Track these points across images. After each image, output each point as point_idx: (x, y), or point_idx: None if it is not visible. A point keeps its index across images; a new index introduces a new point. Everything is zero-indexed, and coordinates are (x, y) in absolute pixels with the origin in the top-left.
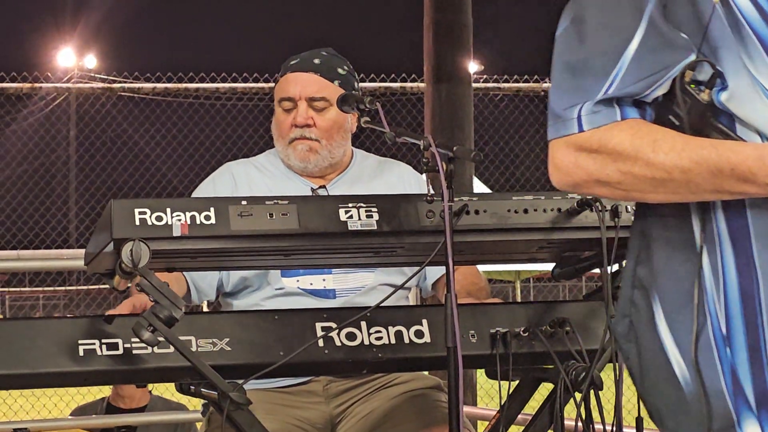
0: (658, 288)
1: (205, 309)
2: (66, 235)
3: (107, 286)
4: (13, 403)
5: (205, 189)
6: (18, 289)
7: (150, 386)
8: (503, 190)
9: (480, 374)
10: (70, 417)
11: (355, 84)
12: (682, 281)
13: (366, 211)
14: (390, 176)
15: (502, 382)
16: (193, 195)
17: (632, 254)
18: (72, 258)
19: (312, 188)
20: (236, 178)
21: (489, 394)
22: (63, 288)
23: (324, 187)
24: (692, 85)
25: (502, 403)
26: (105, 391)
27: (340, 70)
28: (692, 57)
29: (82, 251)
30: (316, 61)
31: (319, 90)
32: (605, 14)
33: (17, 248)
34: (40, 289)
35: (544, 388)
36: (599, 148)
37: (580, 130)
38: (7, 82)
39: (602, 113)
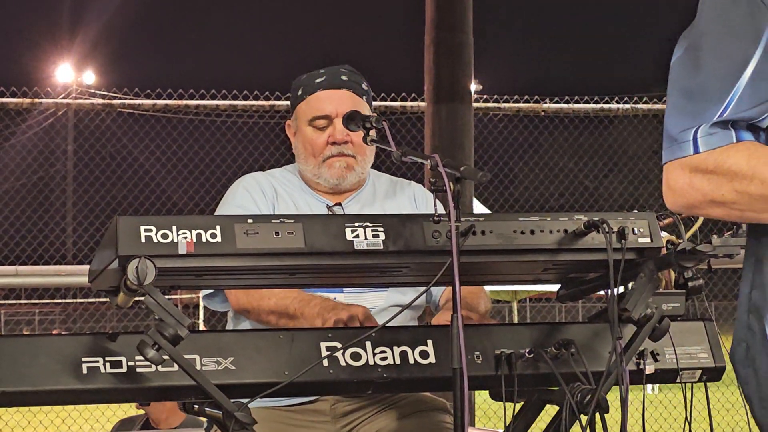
0: None
1: (202, 327)
2: (64, 251)
3: (104, 300)
4: (9, 419)
5: (242, 198)
6: (14, 302)
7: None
8: (502, 211)
9: (478, 395)
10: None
11: (371, 100)
12: None
13: (372, 230)
14: (402, 197)
15: (506, 404)
16: (226, 205)
17: (746, 279)
18: (70, 274)
19: (328, 205)
20: (264, 190)
21: (487, 414)
22: (60, 303)
23: (339, 204)
24: None
25: (507, 424)
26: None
27: (363, 86)
28: None
29: (81, 267)
30: (344, 77)
31: (353, 106)
32: (722, 41)
33: (14, 262)
34: (37, 302)
35: (549, 410)
36: (715, 168)
37: (696, 151)
38: (7, 97)
39: (718, 135)
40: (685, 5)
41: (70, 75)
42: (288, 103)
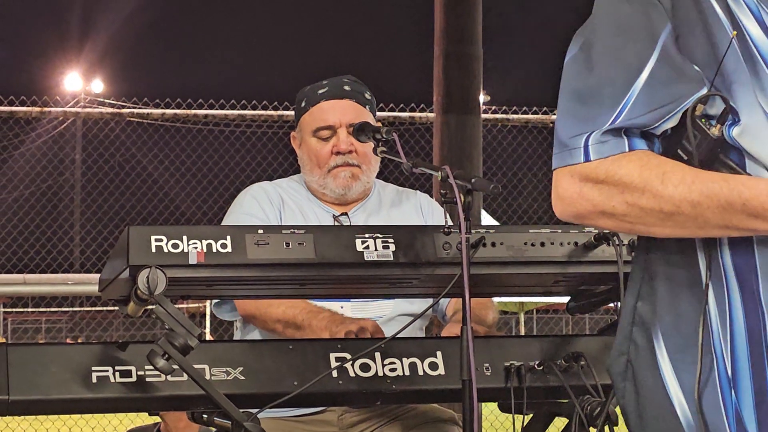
0: (661, 326)
1: (209, 336)
2: (72, 260)
3: (112, 309)
4: (17, 427)
5: (249, 206)
6: (21, 310)
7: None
8: (510, 222)
9: (485, 406)
10: None
11: (376, 110)
12: (686, 320)
13: (383, 242)
14: (408, 206)
15: (515, 416)
16: (234, 214)
17: (633, 290)
18: (78, 283)
19: (334, 215)
20: (272, 199)
21: (494, 426)
22: (67, 311)
23: (345, 214)
24: (703, 120)
25: None
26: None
27: (367, 95)
28: (704, 90)
29: (88, 276)
30: (347, 87)
31: (357, 116)
32: (616, 42)
33: (22, 270)
34: (44, 310)
35: (558, 423)
36: (606, 178)
37: (587, 159)
38: (17, 106)
39: (610, 143)
40: None
41: (79, 84)
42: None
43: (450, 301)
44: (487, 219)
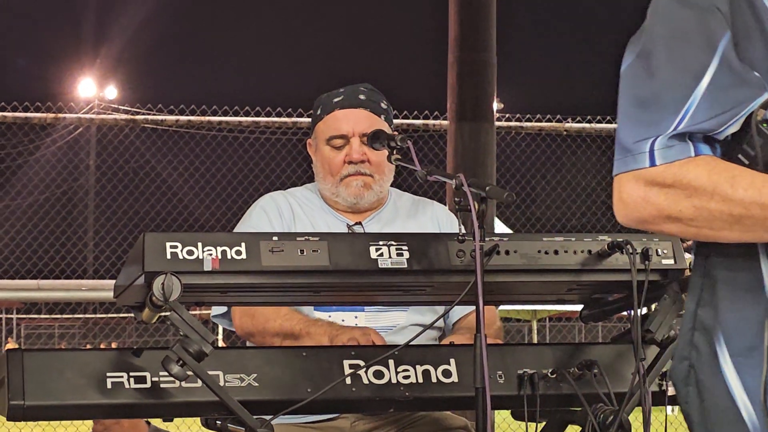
0: (723, 330)
1: (221, 343)
2: (86, 266)
3: (125, 315)
4: None
5: (258, 219)
6: (35, 316)
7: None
8: (524, 230)
9: (498, 414)
10: None
11: (392, 119)
12: (749, 323)
13: (396, 249)
14: (424, 217)
15: (528, 424)
16: (243, 226)
17: (693, 295)
18: (92, 289)
19: (348, 224)
20: (282, 210)
21: None
22: (80, 317)
23: (360, 223)
24: (764, 124)
25: None
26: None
27: (383, 105)
28: (765, 95)
29: (102, 282)
30: (362, 96)
31: (371, 125)
32: (676, 48)
33: (36, 276)
34: (58, 316)
35: (571, 431)
36: (674, 183)
37: (652, 164)
38: (32, 112)
39: (676, 148)
40: None
41: (93, 90)
42: (310, 119)
43: (458, 318)
44: (500, 227)
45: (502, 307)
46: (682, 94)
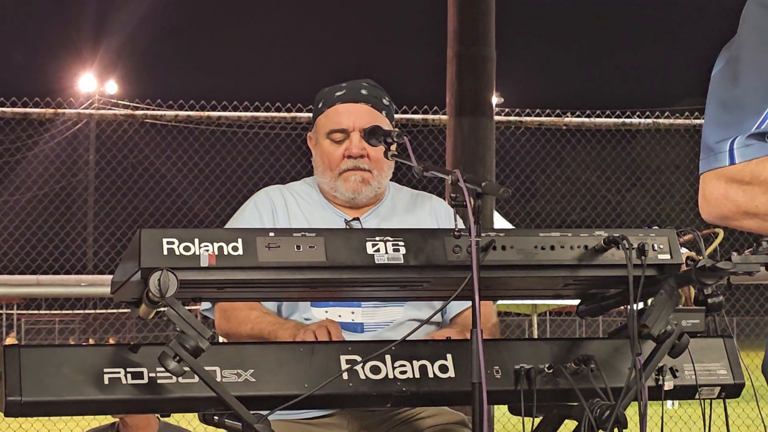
0: None
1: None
2: (85, 261)
3: (124, 311)
4: (30, 427)
5: (250, 216)
6: (34, 312)
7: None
8: (523, 225)
9: (497, 408)
10: None
11: (393, 115)
12: None
13: (393, 244)
14: (422, 211)
15: (525, 419)
16: (235, 221)
17: None
18: (91, 284)
19: (346, 220)
20: (276, 206)
21: (506, 428)
22: (80, 313)
23: (357, 219)
24: None
25: None
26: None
27: (384, 101)
28: None
29: (101, 277)
30: (364, 92)
31: (372, 120)
32: (760, 55)
33: (35, 272)
34: (57, 312)
35: (568, 425)
36: (751, 179)
37: (732, 162)
38: (31, 107)
39: (754, 147)
40: (704, 22)
41: (93, 85)
42: (310, 114)
43: (455, 315)
44: (500, 221)
45: (501, 301)
46: (763, 96)
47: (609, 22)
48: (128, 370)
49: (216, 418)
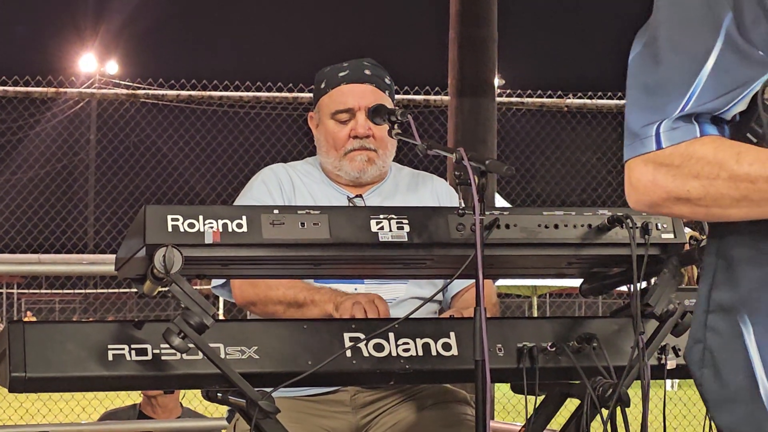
0: (747, 310)
1: (221, 317)
2: (86, 240)
3: (125, 291)
4: (30, 407)
5: (258, 192)
6: (35, 291)
7: (181, 397)
8: (524, 206)
9: (498, 389)
10: (98, 422)
11: (394, 95)
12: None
13: (397, 222)
14: (424, 191)
15: (528, 397)
16: (243, 198)
17: (707, 279)
18: (93, 263)
19: (349, 197)
20: (282, 182)
21: (506, 409)
22: (81, 292)
23: (360, 196)
24: None
25: (528, 417)
26: (134, 396)
27: (386, 80)
28: None
29: (103, 256)
30: (367, 71)
31: (376, 100)
32: (680, 34)
33: (37, 251)
34: (58, 291)
35: (570, 404)
36: (681, 164)
37: (659, 147)
38: (33, 86)
39: (681, 129)
40: None
41: (94, 65)
42: (311, 95)
43: (456, 293)
44: (500, 202)
45: (501, 283)
46: (688, 77)
47: (612, 4)
48: (132, 346)
49: (220, 395)
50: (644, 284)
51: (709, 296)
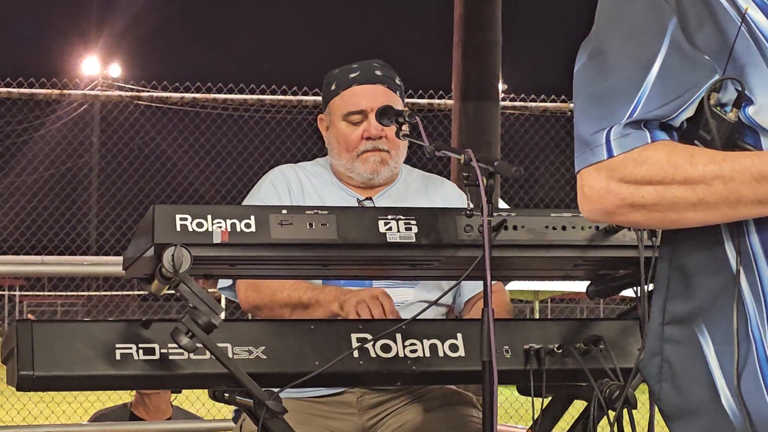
0: (704, 319)
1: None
2: (90, 242)
3: (128, 293)
4: (33, 409)
5: (266, 193)
6: (38, 293)
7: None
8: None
9: (501, 392)
10: (88, 423)
11: (404, 96)
12: (726, 309)
13: (405, 223)
14: (434, 195)
15: (534, 398)
16: (251, 198)
17: (660, 290)
18: (95, 264)
19: (358, 200)
20: (291, 183)
21: (508, 413)
22: (83, 294)
23: (370, 198)
24: (717, 108)
25: (535, 418)
26: (125, 397)
27: (397, 81)
28: (716, 77)
29: (105, 258)
30: (378, 72)
31: (388, 101)
32: (625, 42)
33: (40, 252)
34: (61, 293)
35: (577, 405)
36: (634, 169)
37: (610, 155)
38: (37, 88)
39: (632, 136)
40: None
41: (96, 68)
42: (315, 98)
43: (469, 298)
44: (503, 207)
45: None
46: (635, 83)
47: None
48: (140, 346)
49: (227, 395)
50: (651, 286)
51: (664, 308)
